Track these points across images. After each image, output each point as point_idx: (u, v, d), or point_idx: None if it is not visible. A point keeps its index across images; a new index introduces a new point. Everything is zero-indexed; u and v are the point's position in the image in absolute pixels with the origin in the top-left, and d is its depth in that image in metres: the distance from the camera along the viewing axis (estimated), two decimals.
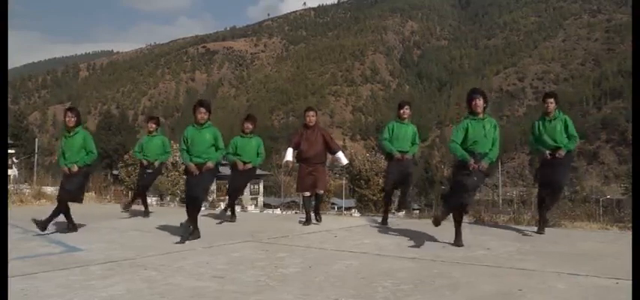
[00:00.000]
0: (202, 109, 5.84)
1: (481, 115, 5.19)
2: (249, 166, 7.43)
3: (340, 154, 7.07)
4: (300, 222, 7.25)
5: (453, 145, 5.20)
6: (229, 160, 7.53)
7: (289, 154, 6.85)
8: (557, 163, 6.10)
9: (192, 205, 5.81)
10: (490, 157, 5.10)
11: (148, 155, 8.17)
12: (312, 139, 6.80)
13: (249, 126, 7.48)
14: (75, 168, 6.15)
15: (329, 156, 7.14)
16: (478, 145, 5.09)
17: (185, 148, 5.85)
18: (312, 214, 7.08)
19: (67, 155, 6.24)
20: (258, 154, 7.50)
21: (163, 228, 6.68)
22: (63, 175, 6.35)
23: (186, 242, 5.50)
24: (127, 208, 8.76)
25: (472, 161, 5.00)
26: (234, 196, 7.86)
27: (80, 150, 6.23)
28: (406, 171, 6.81)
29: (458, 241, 5.23)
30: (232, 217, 7.67)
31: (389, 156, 6.91)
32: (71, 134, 6.29)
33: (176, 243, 5.50)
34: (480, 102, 5.19)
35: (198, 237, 5.74)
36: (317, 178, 6.81)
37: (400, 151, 6.73)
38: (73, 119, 6.30)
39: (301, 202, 7.62)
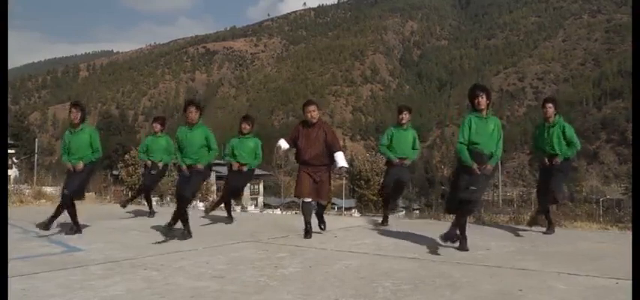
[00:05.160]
0: (192, 109, 5.80)
1: (484, 114, 5.00)
2: (245, 168, 7.21)
3: (339, 155, 6.05)
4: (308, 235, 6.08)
5: (460, 146, 4.98)
6: (227, 161, 7.46)
7: (283, 143, 6.08)
8: (554, 171, 6.07)
9: (179, 203, 5.84)
10: (496, 157, 4.97)
11: (153, 156, 8.15)
12: (313, 137, 5.94)
13: (246, 126, 7.34)
14: (80, 166, 6.09)
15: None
16: (482, 145, 4.92)
17: (177, 147, 5.96)
18: (314, 222, 6.21)
19: (72, 152, 6.17)
20: (255, 155, 7.30)
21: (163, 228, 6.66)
22: (67, 173, 6.29)
23: (186, 242, 5.51)
24: (124, 205, 8.82)
25: (476, 166, 4.84)
26: (230, 197, 7.68)
27: (87, 148, 6.16)
28: (402, 178, 6.81)
29: (462, 245, 4.93)
30: (229, 219, 7.56)
31: (388, 161, 6.96)
32: (77, 130, 6.20)
33: (157, 243, 5.43)
34: (482, 100, 4.98)
35: (190, 236, 5.71)
36: (319, 185, 5.92)
37: (399, 157, 6.76)
38: (78, 115, 6.20)
39: (301, 206, 6.69)
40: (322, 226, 6.35)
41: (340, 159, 6.03)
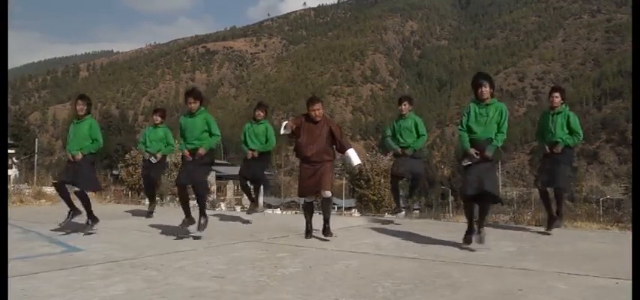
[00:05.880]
0: (191, 99, 5.83)
1: (487, 101, 4.95)
2: (255, 153, 7.15)
3: (351, 152, 5.72)
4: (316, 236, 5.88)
5: (460, 132, 5.08)
6: (243, 150, 7.41)
7: (287, 126, 5.65)
8: (555, 160, 6.06)
9: (198, 194, 5.88)
10: (495, 143, 4.84)
11: (151, 147, 8.16)
12: (316, 134, 5.58)
13: (260, 113, 7.29)
14: (79, 155, 6.12)
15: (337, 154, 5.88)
16: (479, 133, 4.90)
17: (180, 134, 5.99)
18: (316, 224, 5.90)
19: (72, 141, 6.22)
20: (266, 139, 7.19)
21: (163, 228, 6.67)
22: (67, 162, 6.32)
23: (187, 242, 5.52)
24: (151, 212, 8.38)
25: (473, 150, 4.84)
26: (250, 184, 7.41)
27: (86, 138, 6.20)
28: (410, 168, 6.83)
29: (466, 239, 4.94)
30: (254, 206, 7.40)
31: (394, 152, 7.05)
32: (79, 121, 6.27)
33: (176, 239, 5.58)
34: (486, 89, 4.94)
35: (193, 222, 5.83)
36: (321, 174, 5.53)
37: (401, 147, 6.83)
38: (84, 108, 6.29)
39: (301, 206, 6.44)
40: (326, 226, 5.74)
41: (353, 157, 5.73)
